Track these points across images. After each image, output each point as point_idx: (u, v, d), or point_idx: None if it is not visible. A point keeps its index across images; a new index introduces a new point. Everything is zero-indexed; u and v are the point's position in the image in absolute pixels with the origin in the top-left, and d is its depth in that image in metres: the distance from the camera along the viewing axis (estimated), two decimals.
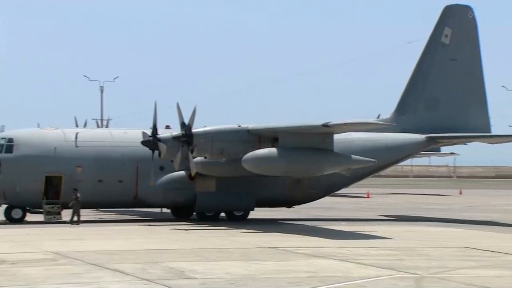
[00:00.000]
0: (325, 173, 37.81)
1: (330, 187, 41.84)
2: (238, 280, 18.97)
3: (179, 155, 36.51)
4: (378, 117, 44.42)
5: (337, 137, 38.07)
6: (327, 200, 47.97)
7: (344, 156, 37.56)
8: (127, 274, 19.85)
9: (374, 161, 38.58)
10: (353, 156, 37.71)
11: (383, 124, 40.45)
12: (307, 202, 42.10)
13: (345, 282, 18.94)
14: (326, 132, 36.82)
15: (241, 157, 36.38)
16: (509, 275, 20.71)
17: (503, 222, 41.05)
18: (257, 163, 36.15)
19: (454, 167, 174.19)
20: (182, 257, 23.62)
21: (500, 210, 52.44)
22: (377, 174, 48.39)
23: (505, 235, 33.39)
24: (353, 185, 45.80)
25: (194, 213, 40.19)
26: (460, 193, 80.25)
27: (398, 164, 49.28)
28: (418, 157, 65.27)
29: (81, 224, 36.60)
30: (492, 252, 26.00)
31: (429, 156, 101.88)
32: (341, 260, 23.17)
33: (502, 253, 25.86)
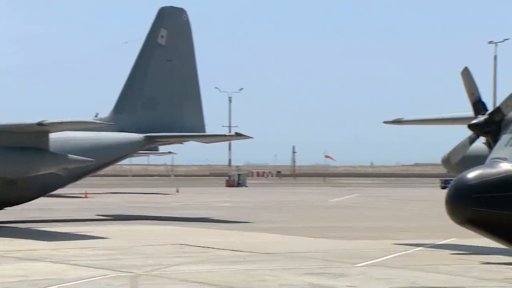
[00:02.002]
0: (40, 173, 36.98)
1: (45, 188, 40.90)
2: None
3: None
4: (96, 116, 44.14)
5: (53, 136, 37.38)
6: (42, 201, 46.91)
7: (60, 155, 36.96)
8: None
9: (92, 161, 38.34)
10: (70, 156, 37.22)
11: (100, 123, 40.26)
12: (21, 203, 40.90)
13: (58, 284, 18.63)
14: (41, 131, 36.03)
15: None
16: (219, 269, 21.48)
17: (216, 218, 42.43)
18: None
19: (172, 166, 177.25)
20: None
21: (214, 207, 54.17)
22: (95, 173, 48.07)
23: (217, 231, 34.57)
24: (70, 185, 45.14)
25: None
26: (177, 191, 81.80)
27: (117, 163, 49.28)
28: (137, 156, 65.58)
29: None
30: (205, 248, 26.82)
31: (147, 156, 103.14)
32: (54, 262, 22.76)
33: (214, 248, 26.77)
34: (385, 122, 32.19)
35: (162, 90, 45.35)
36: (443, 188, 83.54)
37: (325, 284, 18.98)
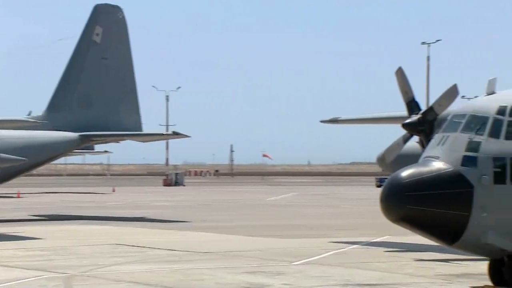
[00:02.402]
0: None
1: None
2: None
3: None
4: (29, 114, 43.48)
5: None
6: None
7: None
8: None
9: (25, 160, 37.74)
10: (2, 155, 36.59)
11: (34, 121, 39.62)
12: None
13: None
14: None
15: None
16: (155, 269, 21.34)
17: (153, 218, 42.17)
18: None
19: (108, 165, 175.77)
20: None
21: (151, 206, 53.85)
22: (28, 173, 47.34)
23: (154, 230, 34.36)
24: (2, 184, 44.40)
25: None
26: (114, 191, 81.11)
27: (52, 162, 48.67)
28: (72, 155, 64.78)
29: None
30: (141, 248, 26.62)
31: (83, 155, 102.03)
32: None
33: (151, 248, 26.60)
34: (322, 121, 32.43)
35: (97, 89, 44.88)
36: (379, 186, 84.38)
37: (262, 282, 19.01)
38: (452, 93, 21.90)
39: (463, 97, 46.94)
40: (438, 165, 17.64)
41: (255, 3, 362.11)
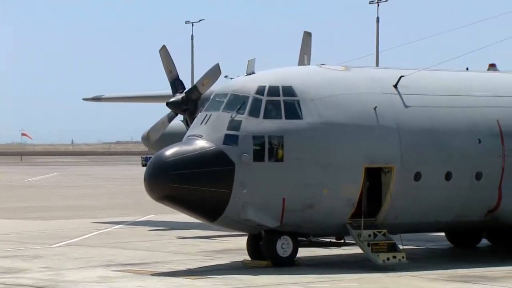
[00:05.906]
0: None
1: None
2: None
3: None
4: None
5: None
6: None
7: None
8: None
9: None
10: None
11: None
12: None
13: None
14: None
15: None
16: None
17: None
18: None
19: None
20: None
21: None
22: None
23: None
24: None
25: None
26: None
27: None
28: None
29: None
30: None
31: None
32: None
33: None
34: (84, 99, 31.85)
35: None
36: (144, 165, 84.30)
37: (18, 266, 18.26)
38: (214, 73, 22.14)
39: (226, 76, 47.80)
40: (201, 144, 17.73)
41: None
